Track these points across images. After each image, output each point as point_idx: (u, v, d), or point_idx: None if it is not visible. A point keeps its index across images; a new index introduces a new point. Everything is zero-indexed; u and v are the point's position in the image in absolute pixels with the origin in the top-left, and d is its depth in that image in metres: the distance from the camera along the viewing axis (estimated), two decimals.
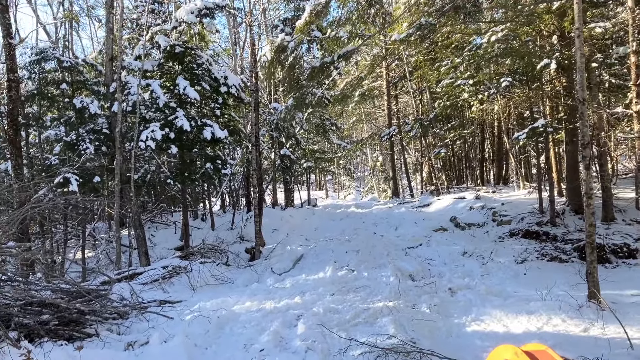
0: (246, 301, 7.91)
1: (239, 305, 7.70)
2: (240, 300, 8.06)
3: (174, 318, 7.54)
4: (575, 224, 12.58)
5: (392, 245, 12.73)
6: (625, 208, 13.16)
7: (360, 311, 6.89)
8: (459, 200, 17.24)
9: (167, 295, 9.46)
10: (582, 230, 12.03)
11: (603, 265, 10.23)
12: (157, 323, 7.37)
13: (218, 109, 12.86)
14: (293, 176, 21.46)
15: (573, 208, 13.43)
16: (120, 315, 8.02)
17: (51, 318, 6.93)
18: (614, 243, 10.68)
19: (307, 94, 11.84)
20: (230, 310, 7.46)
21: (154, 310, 8.16)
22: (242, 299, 8.12)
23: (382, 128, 28.64)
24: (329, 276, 9.34)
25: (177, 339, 6.31)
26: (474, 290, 8.33)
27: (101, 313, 7.82)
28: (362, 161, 51.00)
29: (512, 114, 17.98)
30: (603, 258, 10.41)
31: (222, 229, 15.28)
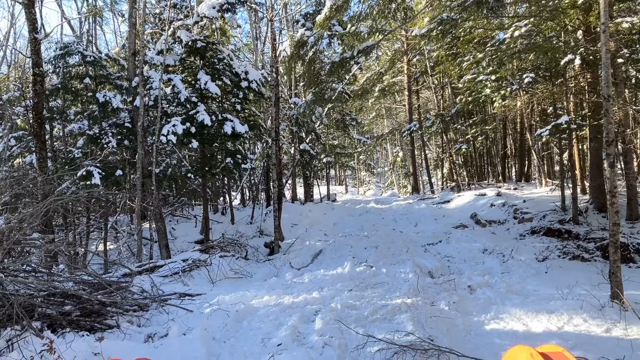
0: (264, 295, 7.95)
1: (257, 300, 7.74)
2: (258, 295, 8.11)
3: (194, 311, 7.61)
4: (599, 223, 12.38)
5: (411, 242, 12.67)
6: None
7: (378, 307, 6.88)
8: (479, 197, 17.08)
9: (187, 288, 9.54)
10: (606, 229, 11.83)
11: (627, 265, 10.05)
12: (177, 316, 7.43)
13: (239, 103, 12.92)
14: (312, 171, 21.47)
15: (596, 206, 13.22)
16: (141, 307, 8.11)
17: (73, 309, 7.04)
18: (638, 242, 10.49)
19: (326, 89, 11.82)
20: (248, 304, 7.50)
21: (173, 303, 8.24)
22: (261, 293, 8.16)
23: (403, 123, 28.48)
24: (347, 272, 9.34)
25: (195, 332, 6.36)
26: (494, 289, 8.24)
27: (122, 305, 7.91)
28: (382, 157, 50.78)
29: (534, 111, 17.72)
30: (627, 257, 10.23)
31: (241, 223, 15.38)
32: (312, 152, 18.16)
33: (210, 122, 11.84)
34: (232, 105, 13.10)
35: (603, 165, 14.13)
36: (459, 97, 15.96)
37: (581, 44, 11.22)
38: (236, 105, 12.88)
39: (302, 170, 20.64)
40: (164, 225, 12.46)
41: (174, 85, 12.27)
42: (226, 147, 13.56)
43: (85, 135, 12.64)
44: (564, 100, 12.73)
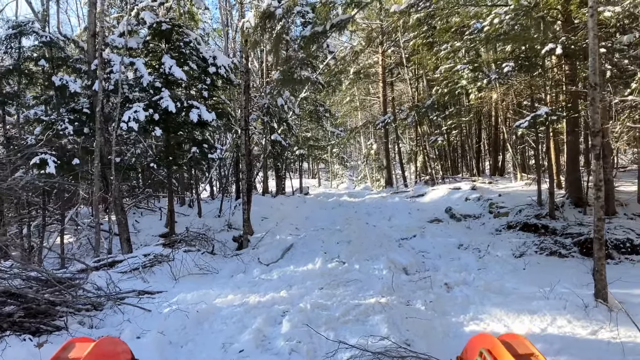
0: (229, 294, 7.40)
1: (221, 299, 7.19)
2: (222, 293, 7.55)
3: (152, 311, 7.06)
4: (575, 218, 12.14)
5: (385, 236, 12.25)
6: (627, 202, 12.73)
7: (351, 308, 6.39)
8: (454, 190, 16.77)
9: (146, 285, 8.97)
10: (583, 224, 11.60)
11: (605, 261, 9.80)
12: (133, 316, 6.87)
13: (206, 90, 12.25)
14: (284, 163, 20.88)
15: (573, 201, 12.99)
16: (95, 307, 7.53)
17: (16, 309, 6.41)
18: (616, 238, 10.25)
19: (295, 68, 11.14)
20: (211, 303, 6.95)
21: (130, 301, 7.66)
22: (225, 292, 7.61)
23: (377, 116, 28.05)
24: (318, 268, 8.84)
25: (150, 334, 5.81)
26: (472, 286, 7.85)
27: (73, 304, 7.32)
28: (355, 150, 50.43)
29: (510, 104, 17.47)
30: (605, 254, 9.93)
31: (209, 216, 14.74)
32: (284, 143, 17.57)
33: (175, 109, 11.20)
34: (199, 92, 12.43)
35: (580, 159, 13.93)
36: (435, 88, 15.59)
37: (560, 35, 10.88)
38: (203, 92, 12.21)
39: (274, 162, 20.03)
40: (125, 217, 11.76)
41: (136, 69, 11.58)
42: (193, 136, 12.90)
43: (41, 122, 11.82)
44: (542, 91, 12.43)
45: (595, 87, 6.52)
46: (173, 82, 12.09)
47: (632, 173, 16.35)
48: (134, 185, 19.06)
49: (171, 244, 11.68)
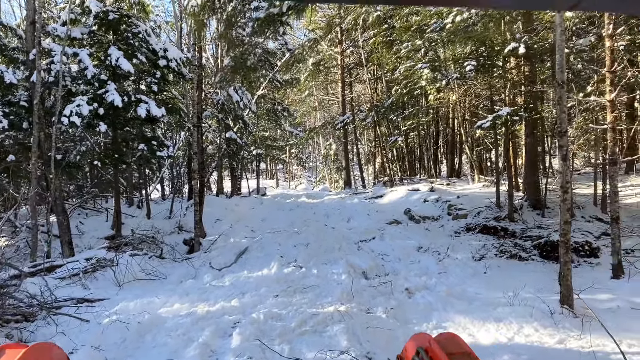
0: (176, 302, 6.83)
1: (167, 308, 6.61)
2: (169, 301, 6.98)
3: (90, 321, 6.47)
4: (534, 220, 12.09)
5: (344, 239, 11.86)
6: (583, 204, 12.78)
7: (308, 317, 5.93)
8: (412, 192, 16.56)
9: (87, 292, 8.33)
10: (542, 227, 11.54)
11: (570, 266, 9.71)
12: (69, 327, 6.27)
13: (155, 84, 11.54)
14: (241, 163, 20.22)
15: (531, 203, 12.96)
16: (26, 318, 6.86)
17: None
18: (575, 241, 10.13)
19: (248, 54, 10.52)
20: (155, 313, 6.37)
21: (67, 311, 7.02)
22: (172, 300, 7.03)
23: (336, 116, 27.74)
24: (273, 273, 8.35)
25: (85, 350, 5.23)
26: (433, 292, 7.54)
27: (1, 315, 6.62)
28: (314, 150, 50.03)
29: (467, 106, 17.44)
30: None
31: (159, 218, 14.00)
32: (240, 141, 16.93)
33: (121, 103, 10.50)
34: (148, 86, 11.72)
35: (538, 161, 13.93)
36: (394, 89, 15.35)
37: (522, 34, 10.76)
38: (153, 86, 11.50)
39: (229, 161, 19.34)
40: (67, 218, 10.97)
41: (80, 60, 10.80)
42: (142, 133, 12.18)
43: None
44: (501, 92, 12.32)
45: (562, 85, 6.29)
46: (120, 75, 11.36)
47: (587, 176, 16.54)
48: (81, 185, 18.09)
49: (117, 247, 10.98)
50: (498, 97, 13.66)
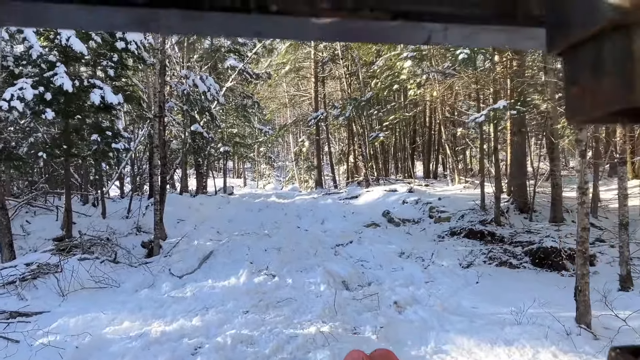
0: (125, 319, 5.70)
1: (114, 327, 5.49)
2: (117, 318, 5.85)
3: (20, 342, 5.31)
4: (523, 224, 11.36)
5: (319, 242, 10.90)
6: (571, 208, 12.11)
7: (285, 341, 4.91)
8: (390, 193, 15.69)
9: (23, 304, 7.12)
10: (532, 232, 10.81)
11: (559, 273, 9.02)
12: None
13: (112, 68, 10.32)
14: (207, 159, 18.96)
15: (518, 206, 12.25)
16: None
17: None
18: (570, 247, 9.42)
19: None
20: (99, 334, 5.26)
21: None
22: (121, 316, 5.90)
23: (308, 113, 26.72)
24: (242, 283, 7.28)
25: None
26: (426, 306, 6.62)
27: None
28: (283, 149, 48.86)
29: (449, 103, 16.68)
30: (559, 264, 9.18)
31: (115, 217, 12.71)
32: (207, 135, 15.73)
33: (72, 88, 9.26)
34: (104, 70, 10.48)
35: (526, 161, 13.23)
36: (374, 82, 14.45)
37: None
38: (109, 71, 10.27)
39: (195, 158, 18.08)
40: (6, 217, 9.68)
41: (24, 38, 9.53)
42: (97, 123, 10.95)
43: None
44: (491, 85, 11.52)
45: None
46: (72, 57, 10.11)
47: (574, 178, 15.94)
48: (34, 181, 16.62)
49: (65, 249, 9.72)
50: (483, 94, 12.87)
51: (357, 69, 20.53)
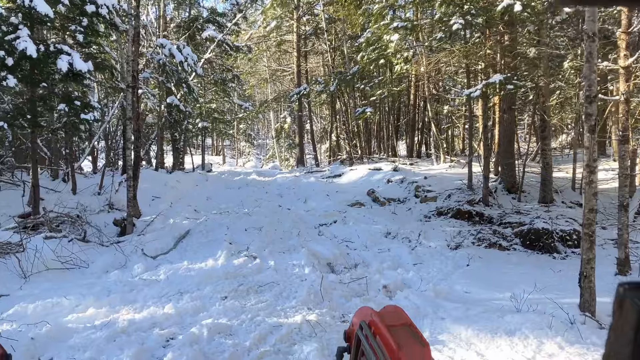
0: (91, 306, 5.17)
1: (77, 314, 4.96)
2: (82, 304, 5.31)
3: None
4: (512, 205, 11.02)
5: (302, 222, 10.45)
6: (561, 188, 11.83)
7: (268, 331, 4.45)
8: (374, 171, 15.25)
9: None
10: (521, 212, 10.48)
11: (550, 255, 8.72)
12: None
13: (81, 33, 9.55)
14: (184, 134, 18.20)
15: (505, 186, 11.92)
16: None
17: None
18: (562, 229, 9.12)
19: None
20: (59, 323, 4.72)
21: None
22: (86, 301, 5.36)
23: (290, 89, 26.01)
24: (220, 265, 6.78)
25: None
26: (417, 290, 6.21)
27: None
28: (263, 127, 48.05)
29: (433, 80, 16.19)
30: (550, 247, 8.86)
31: (86, 194, 12.03)
32: (184, 109, 14.99)
33: (36, 54, 8.52)
34: (73, 35, 9.71)
35: (515, 140, 12.86)
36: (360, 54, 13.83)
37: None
38: (77, 36, 9.49)
39: (171, 132, 17.33)
40: None
41: None
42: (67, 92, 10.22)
43: None
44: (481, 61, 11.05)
45: (592, 38, 4.99)
46: (37, 19, 9.32)
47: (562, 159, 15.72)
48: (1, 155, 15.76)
49: (30, 227, 9.09)
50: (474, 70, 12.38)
51: (341, 43, 19.87)
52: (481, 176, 12.08)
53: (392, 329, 1.61)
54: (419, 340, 1.56)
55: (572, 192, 11.72)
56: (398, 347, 1.49)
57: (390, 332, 1.59)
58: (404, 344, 1.52)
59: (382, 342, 1.60)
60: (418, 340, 1.57)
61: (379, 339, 1.63)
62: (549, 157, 10.70)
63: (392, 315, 1.74)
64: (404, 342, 1.53)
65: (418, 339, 1.57)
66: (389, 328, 1.61)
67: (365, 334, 1.73)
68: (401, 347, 1.49)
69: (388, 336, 1.57)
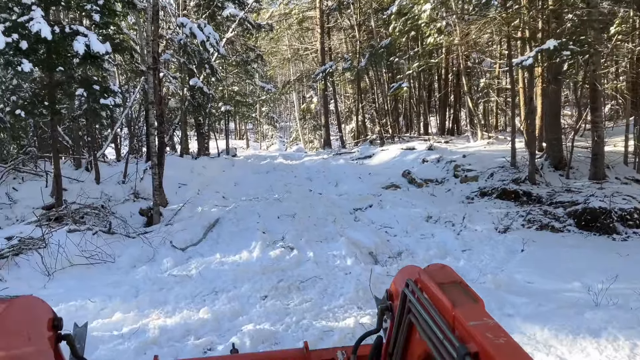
0: (117, 309, 4.69)
1: (103, 320, 4.47)
2: (107, 307, 4.83)
3: None
4: (561, 183, 10.25)
5: (335, 207, 9.87)
6: (612, 164, 10.99)
7: (318, 337, 3.90)
8: (407, 151, 14.55)
9: (2, 286, 6.17)
10: (572, 190, 9.70)
11: (610, 237, 7.98)
12: None
13: (98, 13, 8.99)
14: (207, 118, 17.70)
15: (552, 163, 11.15)
16: None
17: None
18: (621, 208, 8.35)
19: None
20: None
21: None
22: (112, 304, 4.88)
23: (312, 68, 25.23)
24: (256, 258, 6.24)
25: None
26: (476, 283, 5.58)
27: None
28: (285, 109, 47.39)
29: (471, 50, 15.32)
30: (609, 227, 8.11)
31: (110, 183, 11.62)
32: (207, 91, 14.44)
33: (51, 35, 8.00)
34: (89, 15, 9.17)
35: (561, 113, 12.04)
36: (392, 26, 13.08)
37: None
38: (93, 16, 8.95)
39: (195, 116, 16.80)
40: None
41: None
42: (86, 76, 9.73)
43: None
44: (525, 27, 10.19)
45: None
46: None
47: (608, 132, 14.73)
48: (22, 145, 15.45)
49: (54, 219, 8.68)
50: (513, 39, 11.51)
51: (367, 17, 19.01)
52: (524, 153, 11.34)
53: (442, 286, 1.58)
54: (471, 297, 1.52)
55: (625, 167, 10.89)
56: (452, 304, 1.44)
57: (442, 290, 1.56)
58: (458, 301, 1.47)
59: (432, 300, 1.57)
60: (471, 297, 1.52)
61: (428, 296, 1.61)
62: (601, 129, 9.89)
63: (441, 273, 1.73)
64: (457, 299, 1.49)
65: (470, 296, 1.53)
66: (439, 285, 1.59)
67: (413, 291, 1.71)
68: (455, 305, 1.44)
69: (439, 294, 1.55)
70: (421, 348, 1.64)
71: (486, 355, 1.21)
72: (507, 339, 1.28)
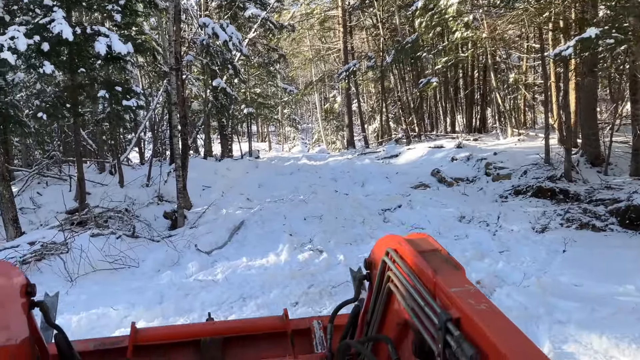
0: (141, 317, 4.50)
1: (125, 330, 4.19)
2: (131, 315, 4.61)
3: None
4: (600, 179, 9.77)
5: (363, 208, 9.59)
6: None
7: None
8: (435, 149, 14.19)
9: None
10: (612, 187, 9.23)
11: None
12: None
13: (119, 12, 8.86)
14: (230, 119, 17.56)
15: (589, 159, 10.66)
16: None
17: None
18: None
19: None
20: None
21: None
22: (136, 312, 4.68)
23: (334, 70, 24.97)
24: (284, 262, 5.97)
25: None
26: (520, 286, 5.22)
27: None
28: (307, 111, 47.24)
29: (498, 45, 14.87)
30: None
31: (134, 186, 11.53)
32: (230, 92, 14.26)
33: (72, 37, 7.89)
34: (110, 15, 9.05)
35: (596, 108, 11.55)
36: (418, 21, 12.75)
37: None
38: (114, 16, 8.81)
39: (218, 118, 16.66)
40: (9, 190, 8.54)
41: None
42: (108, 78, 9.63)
43: None
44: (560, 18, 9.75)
45: None
46: (72, 0, 8.72)
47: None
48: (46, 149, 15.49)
49: (80, 223, 8.56)
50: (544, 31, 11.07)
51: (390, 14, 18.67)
52: (558, 149, 10.88)
53: (423, 254, 1.58)
54: (452, 265, 1.53)
55: None
56: (434, 271, 1.45)
57: (423, 257, 1.56)
58: (439, 268, 1.48)
59: (413, 268, 1.57)
60: (452, 264, 1.53)
61: (409, 264, 1.60)
62: None
63: (421, 242, 1.73)
64: (439, 266, 1.49)
65: (452, 264, 1.54)
66: (420, 253, 1.58)
67: (394, 259, 1.69)
68: (437, 272, 1.44)
69: (420, 261, 1.54)
70: (400, 316, 1.64)
71: (468, 320, 1.21)
72: (489, 304, 1.27)
